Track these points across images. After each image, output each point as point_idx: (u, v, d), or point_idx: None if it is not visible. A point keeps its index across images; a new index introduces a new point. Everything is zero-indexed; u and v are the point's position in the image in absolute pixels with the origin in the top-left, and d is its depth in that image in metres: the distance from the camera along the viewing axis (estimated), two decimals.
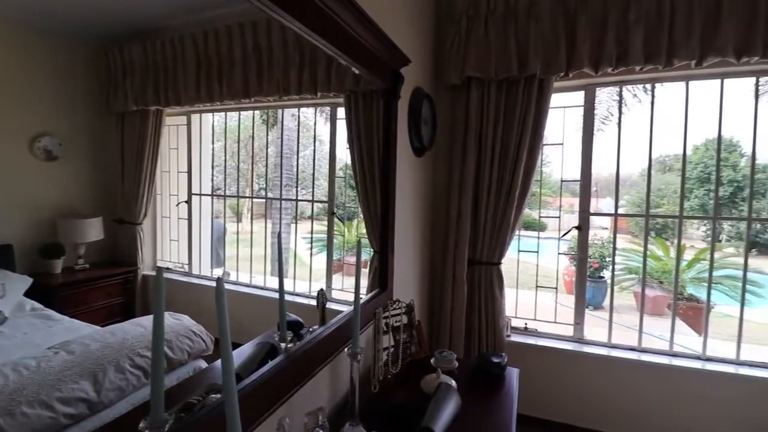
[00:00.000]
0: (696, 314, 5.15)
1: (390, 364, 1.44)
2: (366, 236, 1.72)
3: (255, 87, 1.21)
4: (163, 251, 1.13)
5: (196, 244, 1.23)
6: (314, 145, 1.60)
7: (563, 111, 2.39)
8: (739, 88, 2.17)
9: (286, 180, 1.51)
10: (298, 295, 1.51)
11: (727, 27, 1.79)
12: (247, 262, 1.35)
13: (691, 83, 2.14)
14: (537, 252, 2.54)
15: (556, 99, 2.31)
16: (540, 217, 3.04)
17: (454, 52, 2.20)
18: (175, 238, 1.16)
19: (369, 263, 1.76)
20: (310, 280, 1.59)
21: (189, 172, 1.22)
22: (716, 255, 4.31)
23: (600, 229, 7.60)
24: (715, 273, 3.70)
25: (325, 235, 1.62)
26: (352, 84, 1.55)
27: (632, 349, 2.28)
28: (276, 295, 1.07)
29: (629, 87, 3.55)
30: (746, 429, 1.97)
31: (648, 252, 6.02)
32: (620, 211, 7.73)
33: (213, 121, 1.29)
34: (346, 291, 1.58)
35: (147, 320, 0.90)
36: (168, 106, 1.05)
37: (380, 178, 1.70)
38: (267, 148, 1.47)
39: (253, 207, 1.42)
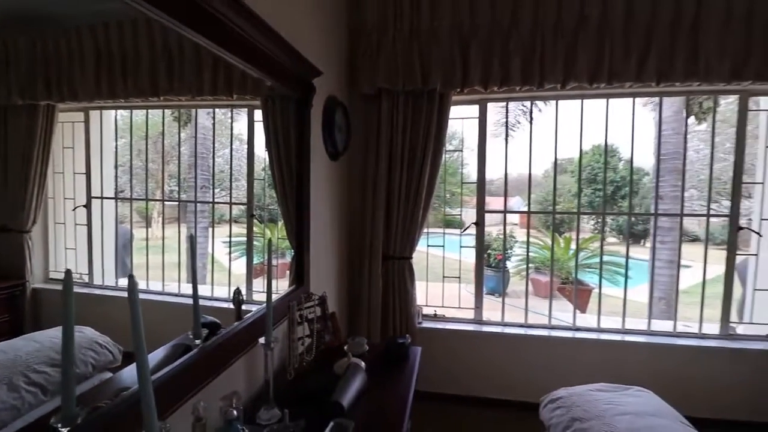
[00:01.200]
0: (583, 295, 6.05)
1: (305, 353, 1.56)
2: (287, 237, 1.79)
3: (165, 86, 1.15)
4: (58, 261, 1.01)
5: (97, 251, 1.13)
6: (231, 146, 1.57)
7: (461, 122, 2.73)
8: (617, 105, 2.65)
9: (201, 181, 1.46)
10: (217, 299, 1.47)
11: (581, 59, 2.21)
12: (158, 270, 1.28)
13: (568, 102, 2.59)
14: (443, 246, 2.85)
15: (458, 110, 2.63)
16: (445, 215, 3.37)
17: (366, 64, 2.39)
18: (72, 246, 1.06)
19: (290, 264, 1.81)
20: (230, 285, 1.55)
21: (88, 173, 1.11)
22: (600, 244, 5.10)
23: (510, 225, 8.47)
24: (597, 260, 4.40)
25: (245, 239, 1.60)
26: (269, 88, 1.57)
27: (521, 325, 2.69)
28: (191, 301, 1.10)
29: (537, 102, 4.07)
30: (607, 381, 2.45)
31: (543, 243, 6.94)
32: (526, 208, 8.68)
33: (116, 118, 1.18)
34: (264, 293, 1.59)
35: (42, 335, 0.84)
36: (62, 102, 0.95)
37: (296, 180, 1.80)
38: (180, 147, 1.40)
39: (165, 210, 1.35)
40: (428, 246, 2.87)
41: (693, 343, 2.45)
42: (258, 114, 1.60)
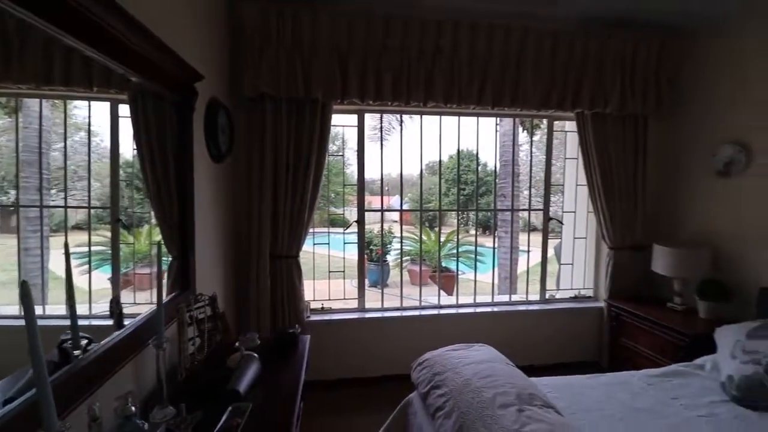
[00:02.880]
0: (448, 280, 6.96)
1: (196, 352, 1.60)
2: (161, 242, 1.69)
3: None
4: None
5: None
6: (89, 143, 1.34)
7: (343, 128, 2.98)
8: (472, 120, 3.20)
9: (45, 183, 1.19)
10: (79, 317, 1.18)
11: (438, 83, 2.66)
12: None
13: (431, 116, 3.06)
14: (328, 244, 3.06)
15: (339, 118, 2.87)
16: (330, 214, 3.60)
17: (249, 68, 2.44)
18: None
19: (168, 269, 1.71)
20: (90, 301, 1.33)
21: None
22: (460, 236, 5.97)
23: (389, 222, 9.18)
24: (459, 249, 5.18)
25: (104, 247, 1.40)
26: (137, 84, 1.44)
27: (397, 309, 3.08)
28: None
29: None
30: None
31: (417, 238, 7.76)
32: (405, 206, 9.43)
33: None
34: (140, 304, 1.49)
35: None
36: None
37: (176, 184, 1.76)
38: (18, 142, 1.10)
39: None
40: (314, 244, 3.05)
41: (522, 308, 3.18)
42: (124, 109, 1.45)
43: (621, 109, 2.85)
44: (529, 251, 3.28)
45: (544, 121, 3.29)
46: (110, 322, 1.33)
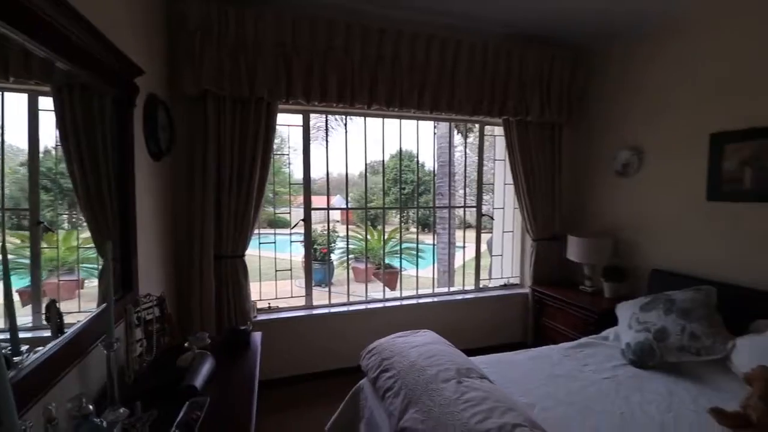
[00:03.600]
0: (392, 277, 7.20)
1: (144, 353, 1.57)
2: (113, 242, 1.64)
3: None
4: None
5: None
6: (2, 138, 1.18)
7: (288, 127, 3.01)
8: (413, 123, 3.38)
9: None
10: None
11: (381, 88, 2.81)
12: None
13: (376, 120, 3.19)
14: (274, 243, 3.08)
15: (284, 117, 2.90)
16: (276, 214, 3.60)
17: (190, 64, 2.38)
18: None
19: (100, 274, 1.59)
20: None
21: None
22: (401, 234, 6.21)
23: (333, 222, 9.22)
24: (402, 246, 5.41)
25: (18, 255, 1.26)
26: (65, 74, 1.33)
27: (344, 304, 3.18)
28: None
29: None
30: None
31: (361, 236, 7.91)
32: (349, 205, 9.51)
33: None
34: (69, 313, 1.36)
35: None
36: None
37: (116, 182, 1.70)
38: None
39: None
40: (260, 244, 3.04)
41: (459, 297, 3.45)
42: (45, 102, 1.32)
43: (540, 118, 3.23)
44: (464, 247, 3.58)
45: (477, 125, 3.59)
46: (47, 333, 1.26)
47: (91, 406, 1.04)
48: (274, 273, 3.20)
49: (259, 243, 3.02)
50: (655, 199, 2.90)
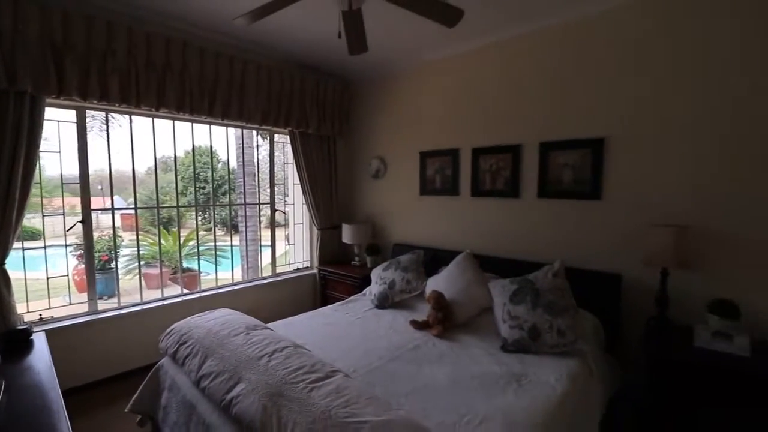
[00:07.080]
0: (191, 280, 6.94)
1: None
2: None
3: None
4: None
5: None
6: None
7: (58, 124, 2.82)
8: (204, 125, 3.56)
9: None
10: None
11: (170, 94, 2.99)
12: None
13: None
14: (44, 247, 2.82)
15: (54, 113, 2.71)
16: (45, 217, 3.21)
17: None
18: None
19: None
20: None
21: None
22: (201, 234, 6.12)
23: (109, 228, 7.98)
24: (201, 248, 5.38)
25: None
26: None
27: (137, 304, 3.20)
28: None
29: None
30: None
31: (152, 240, 7.26)
32: (132, 207, 8.45)
33: None
34: None
35: None
36: None
37: None
38: None
39: None
40: (23, 250, 2.74)
41: (258, 283, 3.95)
42: None
43: (318, 131, 4.04)
44: (274, 245, 4.04)
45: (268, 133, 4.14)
46: None
47: None
48: (46, 278, 2.91)
49: (23, 256, 2.72)
50: (393, 195, 4.13)
